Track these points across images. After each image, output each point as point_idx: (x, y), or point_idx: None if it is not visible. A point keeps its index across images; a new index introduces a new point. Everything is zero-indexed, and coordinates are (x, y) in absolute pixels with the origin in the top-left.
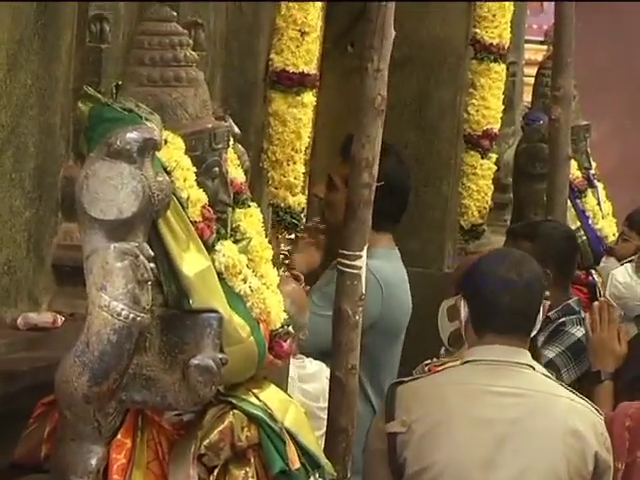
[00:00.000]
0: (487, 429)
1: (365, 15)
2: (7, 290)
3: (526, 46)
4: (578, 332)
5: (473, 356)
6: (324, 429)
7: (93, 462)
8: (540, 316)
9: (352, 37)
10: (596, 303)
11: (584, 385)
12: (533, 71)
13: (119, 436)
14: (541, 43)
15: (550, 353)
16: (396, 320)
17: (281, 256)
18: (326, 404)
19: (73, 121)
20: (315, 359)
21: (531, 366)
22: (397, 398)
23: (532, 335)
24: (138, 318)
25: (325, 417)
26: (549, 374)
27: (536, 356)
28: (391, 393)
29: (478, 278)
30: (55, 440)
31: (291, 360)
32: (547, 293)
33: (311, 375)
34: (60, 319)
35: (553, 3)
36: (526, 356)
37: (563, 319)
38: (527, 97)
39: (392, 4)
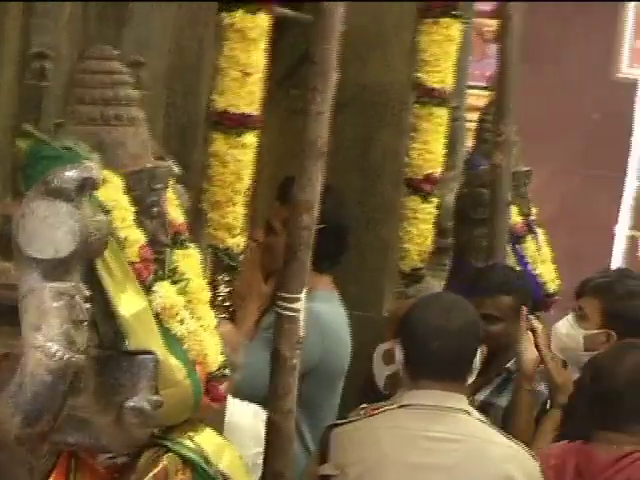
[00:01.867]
0: (421, 475)
1: (308, 57)
2: None
3: (469, 91)
4: (545, 389)
5: (408, 400)
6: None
7: None
8: (477, 360)
9: (295, 79)
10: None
11: None
12: (475, 116)
13: (52, 479)
14: (484, 89)
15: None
16: (336, 363)
17: (219, 298)
18: (262, 449)
19: (11, 159)
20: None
21: (466, 411)
22: (331, 440)
23: (470, 380)
24: (73, 359)
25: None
26: (485, 419)
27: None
28: (325, 435)
29: (410, 324)
30: None
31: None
32: None
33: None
34: None
35: (497, 49)
36: (461, 401)
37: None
38: (469, 142)
39: (335, 46)
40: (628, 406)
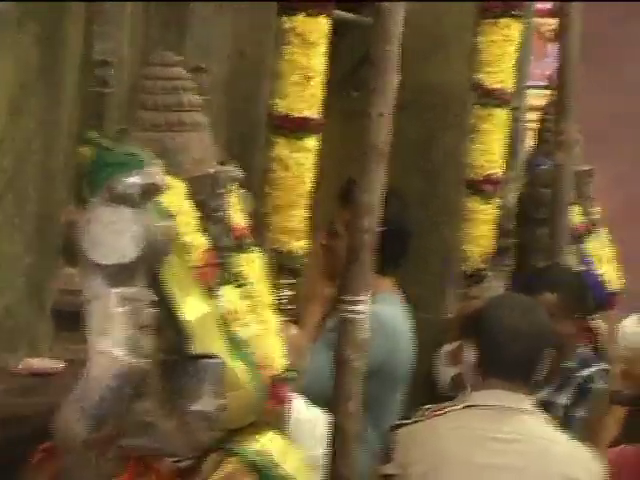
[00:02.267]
0: (487, 475)
1: (368, 59)
2: (7, 335)
3: (529, 91)
4: (583, 374)
5: (474, 400)
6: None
7: None
8: (544, 362)
9: (355, 81)
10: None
11: None
12: (535, 116)
13: None
14: (544, 88)
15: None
16: (399, 365)
17: (282, 301)
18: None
19: (75, 165)
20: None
21: (532, 411)
22: (397, 440)
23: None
24: (138, 364)
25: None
26: (550, 419)
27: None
28: (390, 436)
29: (488, 324)
30: None
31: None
32: None
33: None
34: (61, 365)
35: (557, 48)
36: (528, 401)
37: (586, 372)
38: (529, 142)
39: (396, 48)
40: None
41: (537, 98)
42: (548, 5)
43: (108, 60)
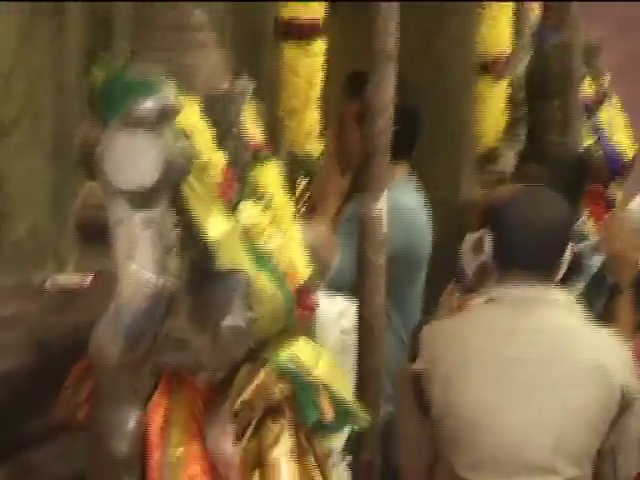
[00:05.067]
0: (512, 368)
1: None
2: (33, 253)
3: None
4: (596, 262)
5: (496, 294)
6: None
7: (131, 424)
8: (566, 254)
9: None
10: (608, 215)
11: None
12: None
13: (155, 398)
14: None
15: (574, 289)
16: (419, 249)
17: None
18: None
19: (88, 82)
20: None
21: (556, 301)
22: (423, 337)
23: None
24: (167, 284)
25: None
26: (575, 307)
27: None
28: (417, 332)
29: (500, 215)
30: (92, 404)
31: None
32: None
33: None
34: (87, 278)
35: None
36: (550, 291)
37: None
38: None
39: None
40: None
41: None
42: None
43: None
